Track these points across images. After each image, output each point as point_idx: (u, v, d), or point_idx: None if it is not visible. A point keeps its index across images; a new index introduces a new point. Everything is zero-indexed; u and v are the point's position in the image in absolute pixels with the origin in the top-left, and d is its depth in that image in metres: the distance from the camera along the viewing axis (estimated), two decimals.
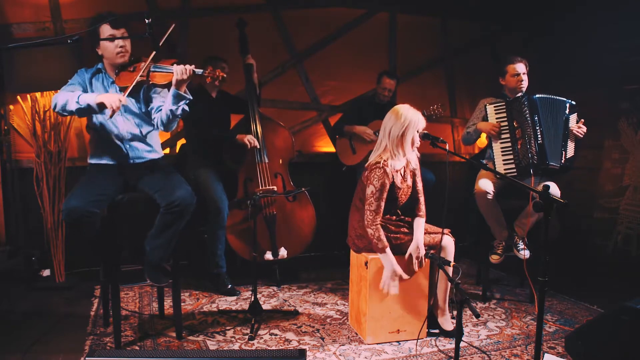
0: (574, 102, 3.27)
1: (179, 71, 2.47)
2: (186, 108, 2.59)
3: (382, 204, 2.68)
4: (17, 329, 2.83)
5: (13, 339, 2.67)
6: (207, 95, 3.62)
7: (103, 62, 2.69)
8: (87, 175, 2.68)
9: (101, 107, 2.46)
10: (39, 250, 3.63)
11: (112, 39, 2.57)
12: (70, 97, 2.48)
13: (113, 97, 2.42)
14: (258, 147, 3.56)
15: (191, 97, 2.59)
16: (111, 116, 2.44)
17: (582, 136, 3.26)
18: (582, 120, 3.27)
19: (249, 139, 3.51)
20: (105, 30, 2.58)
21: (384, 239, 2.65)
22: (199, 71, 2.52)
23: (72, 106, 2.47)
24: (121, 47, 2.61)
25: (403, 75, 4.69)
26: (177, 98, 2.52)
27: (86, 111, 2.50)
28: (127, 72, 2.63)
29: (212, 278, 3.56)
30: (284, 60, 4.44)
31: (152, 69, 2.59)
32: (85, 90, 2.63)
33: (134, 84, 2.52)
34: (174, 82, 2.49)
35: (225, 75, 2.56)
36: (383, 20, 4.72)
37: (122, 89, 2.58)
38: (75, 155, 3.85)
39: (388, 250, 2.65)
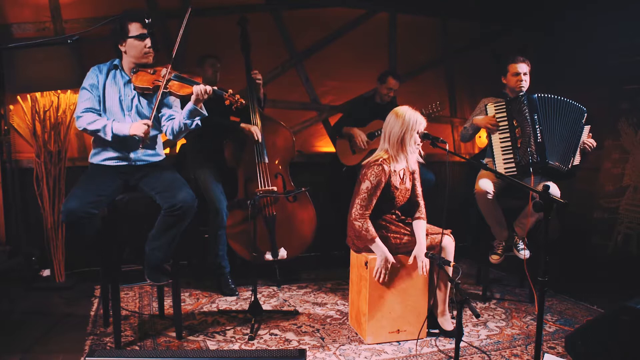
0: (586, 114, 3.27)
1: (200, 91, 2.52)
2: (199, 123, 2.65)
3: (374, 201, 2.69)
4: (17, 329, 2.83)
5: (13, 339, 2.67)
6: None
7: (122, 58, 2.67)
8: (87, 175, 2.67)
9: (132, 136, 2.56)
10: (39, 250, 3.63)
11: (142, 36, 2.56)
12: (98, 125, 2.55)
13: (141, 127, 2.51)
14: (260, 140, 3.55)
15: (207, 114, 2.64)
16: (143, 145, 2.59)
17: (589, 150, 3.27)
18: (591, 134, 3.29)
19: (254, 130, 3.52)
20: (135, 28, 2.57)
21: (372, 230, 2.66)
22: (220, 92, 2.58)
23: (108, 137, 2.56)
24: (149, 47, 2.61)
25: (403, 75, 4.69)
26: (193, 113, 2.59)
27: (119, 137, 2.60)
28: (146, 72, 2.63)
29: (215, 278, 3.56)
30: (284, 60, 4.44)
31: (172, 77, 2.60)
32: (99, 94, 2.63)
33: (160, 93, 2.56)
34: (193, 98, 2.54)
35: (244, 102, 2.62)
36: (383, 20, 4.72)
37: (139, 89, 2.61)
38: (75, 155, 3.85)
39: (378, 240, 2.67)
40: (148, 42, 2.60)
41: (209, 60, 3.62)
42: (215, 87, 2.58)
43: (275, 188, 3.57)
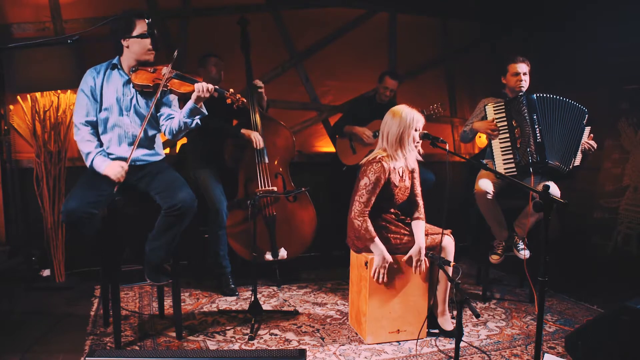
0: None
1: (201, 89, 2.52)
2: (199, 122, 2.64)
3: (373, 198, 2.68)
4: (17, 329, 2.83)
5: (13, 339, 2.67)
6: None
7: (122, 55, 2.67)
8: (87, 175, 2.66)
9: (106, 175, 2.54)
10: (39, 250, 3.63)
11: (145, 35, 2.57)
12: (85, 149, 2.60)
13: (116, 169, 2.50)
14: (263, 146, 3.55)
15: (207, 113, 2.64)
16: (116, 189, 2.50)
17: (590, 151, 3.27)
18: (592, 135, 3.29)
19: (255, 137, 3.52)
20: (141, 26, 2.58)
21: (372, 230, 2.65)
22: (221, 91, 2.58)
23: (87, 164, 2.60)
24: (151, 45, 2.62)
25: (403, 75, 4.69)
26: (194, 112, 2.59)
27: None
28: (146, 71, 2.64)
29: (215, 277, 3.56)
30: (284, 60, 4.44)
31: (173, 76, 2.61)
32: (96, 97, 2.63)
33: (159, 91, 2.56)
34: (193, 97, 2.54)
35: (245, 101, 2.64)
36: (383, 20, 4.72)
37: (138, 87, 2.61)
38: (75, 155, 3.83)
39: (377, 239, 2.66)
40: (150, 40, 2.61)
41: (212, 60, 3.60)
42: (217, 86, 2.58)
43: (275, 188, 3.57)
